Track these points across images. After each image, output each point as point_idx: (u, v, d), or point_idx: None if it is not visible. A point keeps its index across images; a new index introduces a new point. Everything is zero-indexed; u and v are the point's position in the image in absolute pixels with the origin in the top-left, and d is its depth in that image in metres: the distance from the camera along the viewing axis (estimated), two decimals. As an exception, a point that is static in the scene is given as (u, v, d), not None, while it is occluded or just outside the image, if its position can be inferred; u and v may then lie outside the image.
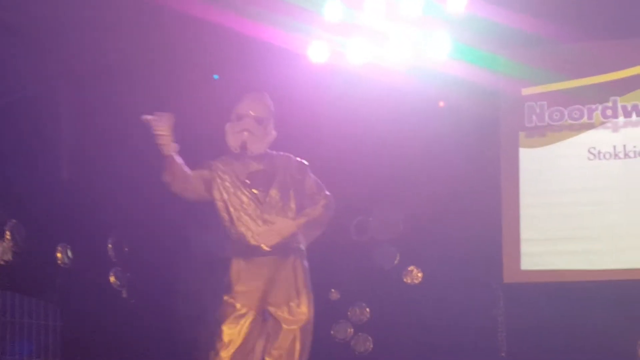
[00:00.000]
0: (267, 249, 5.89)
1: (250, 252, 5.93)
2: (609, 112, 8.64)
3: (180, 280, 8.71)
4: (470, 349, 8.62)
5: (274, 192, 5.95)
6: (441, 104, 8.92)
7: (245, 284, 5.95)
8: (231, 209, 5.95)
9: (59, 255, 8.18)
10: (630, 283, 8.35)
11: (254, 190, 5.97)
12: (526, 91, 8.78)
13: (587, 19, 8.39)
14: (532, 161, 8.79)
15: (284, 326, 5.95)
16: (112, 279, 8.54)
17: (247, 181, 5.98)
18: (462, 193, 8.80)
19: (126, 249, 8.66)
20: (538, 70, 8.71)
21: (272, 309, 5.99)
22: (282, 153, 6.13)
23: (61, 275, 8.18)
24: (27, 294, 8.01)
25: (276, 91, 7.39)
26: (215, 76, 8.84)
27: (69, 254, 8.24)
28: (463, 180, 8.78)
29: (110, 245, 8.58)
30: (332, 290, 9.06)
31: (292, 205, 5.99)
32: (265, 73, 7.72)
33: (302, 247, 6.08)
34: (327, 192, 6.14)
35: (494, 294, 8.76)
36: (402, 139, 8.80)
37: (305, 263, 6.08)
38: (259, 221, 5.91)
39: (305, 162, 6.15)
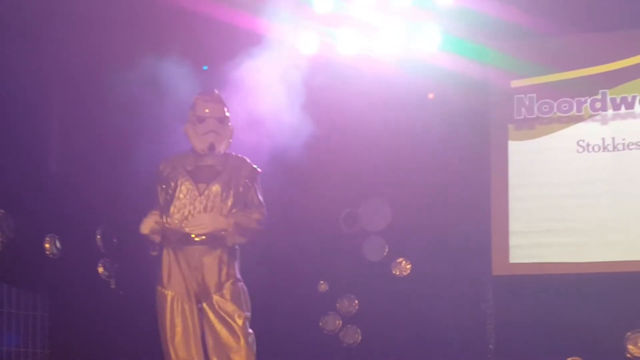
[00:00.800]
0: (196, 238, 5.95)
1: (182, 241, 5.99)
2: (598, 105, 8.64)
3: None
4: (458, 341, 8.63)
5: (215, 187, 6.04)
6: (431, 95, 8.93)
7: (174, 274, 6.02)
8: (174, 198, 6.03)
9: (47, 245, 8.16)
10: (618, 275, 8.36)
11: (199, 184, 6.04)
12: (515, 83, 8.78)
13: (577, 12, 8.40)
14: (521, 154, 8.80)
15: (212, 318, 5.99)
16: (100, 269, 8.53)
17: (192, 173, 6.07)
18: (451, 185, 8.80)
19: (115, 240, 8.65)
20: (527, 62, 8.71)
21: (201, 299, 6.05)
22: (239, 155, 6.21)
23: (49, 266, 8.15)
24: (15, 284, 8.00)
25: (266, 82, 7.42)
26: (205, 67, 8.82)
27: (58, 244, 8.22)
28: (452, 172, 8.79)
29: (98, 236, 8.56)
30: (321, 282, 9.06)
31: (229, 203, 6.05)
32: (255, 64, 7.69)
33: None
34: (264, 209, 6.17)
35: (482, 286, 8.76)
36: (391, 131, 8.80)
37: (234, 258, 6.11)
38: (194, 211, 5.98)
39: (259, 170, 6.24)
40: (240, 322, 5.97)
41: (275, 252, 8.67)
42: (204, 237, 5.96)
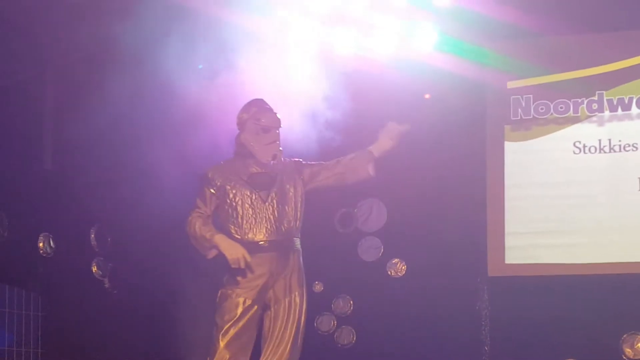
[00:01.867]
0: (262, 243, 5.98)
1: (251, 248, 5.98)
2: (594, 106, 8.63)
3: (163, 271, 8.67)
4: (454, 342, 8.62)
5: (275, 190, 6.08)
6: (427, 96, 8.90)
7: (246, 278, 6.00)
8: (238, 207, 6.03)
9: (41, 244, 8.13)
10: (614, 277, 8.36)
11: (261, 192, 6.07)
12: (512, 84, 8.77)
13: (574, 12, 8.39)
14: (518, 154, 8.79)
15: (279, 321, 6.04)
16: (94, 269, 8.50)
17: (249, 181, 6.09)
18: (447, 186, 8.79)
19: (109, 239, 8.62)
20: (524, 63, 8.70)
21: (270, 303, 6.07)
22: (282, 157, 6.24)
23: (43, 265, 8.12)
24: (8, 283, 7.96)
25: (262, 82, 7.39)
26: (200, 66, 8.78)
27: (51, 243, 8.18)
28: (448, 173, 8.78)
29: (92, 235, 8.53)
30: (316, 282, 9.04)
31: (292, 204, 6.12)
32: (252, 63, 7.66)
33: (298, 245, 6.18)
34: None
35: (478, 287, 8.75)
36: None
37: (301, 261, 6.19)
38: (262, 220, 6.02)
39: (300, 160, 6.35)
40: (281, 344, 6.05)
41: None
42: (268, 245, 5.99)
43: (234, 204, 6.03)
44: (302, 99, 7.62)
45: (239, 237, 6.00)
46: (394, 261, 9.01)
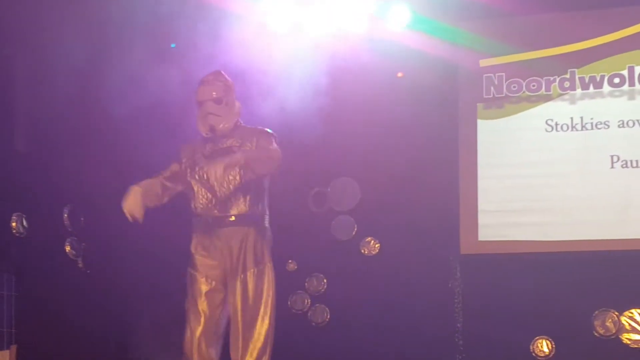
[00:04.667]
0: (230, 219, 5.95)
1: (211, 224, 6.02)
2: (566, 84, 8.66)
3: (137, 250, 8.66)
4: (426, 320, 8.65)
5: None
6: (400, 74, 8.91)
7: (206, 257, 6.07)
8: (195, 184, 6.05)
9: (13, 224, 8.08)
10: (585, 254, 8.40)
11: (213, 163, 6.03)
12: (484, 62, 8.78)
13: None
14: (490, 133, 8.81)
15: (238, 297, 6.03)
16: (67, 248, 8.47)
17: (209, 156, 6.10)
18: (420, 164, 8.81)
19: (82, 219, 8.59)
20: (496, 42, 8.72)
21: (230, 280, 6.06)
22: (250, 127, 6.23)
23: (16, 245, 8.09)
24: (-20, 263, 7.94)
25: (235, 60, 7.37)
26: (173, 45, 8.75)
27: (24, 223, 8.14)
28: (421, 151, 8.80)
29: (66, 215, 8.50)
30: (290, 261, 9.06)
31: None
32: (225, 42, 7.64)
33: (266, 223, 6.18)
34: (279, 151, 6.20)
35: (450, 265, 8.78)
36: (359, 110, 8.79)
37: (267, 236, 6.17)
38: (220, 193, 6.03)
39: (269, 131, 6.28)
40: (265, 302, 6.03)
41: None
42: (233, 219, 6.01)
43: (193, 180, 6.08)
44: (273, 77, 7.62)
45: (198, 211, 6.06)
46: (367, 240, 9.03)
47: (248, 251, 6.06)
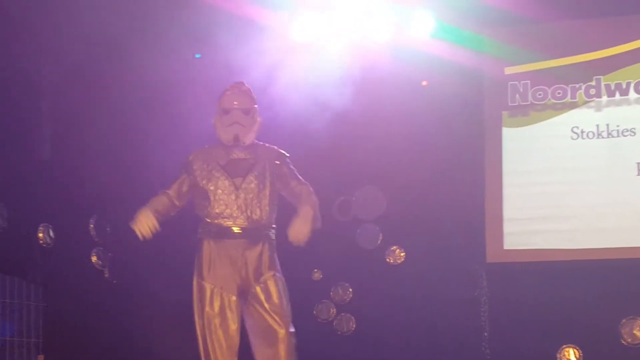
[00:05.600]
0: (236, 230, 5.95)
1: (222, 234, 5.98)
2: (592, 92, 8.63)
3: (163, 261, 8.68)
4: (452, 329, 8.64)
5: (251, 181, 5.99)
6: (424, 83, 8.91)
7: (215, 267, 5.99)
8: (210, 191, 6.00)
9: (40, 235, 8.14)
10: (612, 262, 8.37)
11: (234, 178, 6.00)
12: (509, 70, 8.78)
13: (571, -2, 8.41)
14: (515, 140, 8.80)
15: (255, 309, 5.96)
16: (94, 259, 8.51)
17: (226, 167, 6.03)
18: (445, 173, 8.80)
19: (108, 229, 8.63)
20: (521, 49, 8.71)
21: (243, 292, 6.03)
22: (267, 145, 6.20)
23: (43, 255, 8.13)
24: (8, 273, 7.97)
25: (258, 70, 7.39)
26: (198, 55, 8.79)
27: (51, 233, 8.20)
28: (446, 159, 8.79)
29: (92, 225, 8.54)
30: (315, 270, 9.06)
31: (267, 193, 6.01)
32: (247, 52, 7.67)
33: (273, 236, 6.12)
34: (308, 185, 6.16)
35: (476, 273, 8.76)
36: (385, 119, 8.78)
37: (274, 251, 6.10)
38: (234, 206, 5.96)
39: (286, 154, 6.19)
40: (283, 313, 5.94)
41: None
42: (240, 231, 5.94)
43: (206, 189, 5.98)
44: (299, 87, 7.63)
45: (209, 221, 5.96)
46: (392, 248, 9.02)
47: (264, 260, 6.04)
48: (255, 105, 6.13)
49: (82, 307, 8.15)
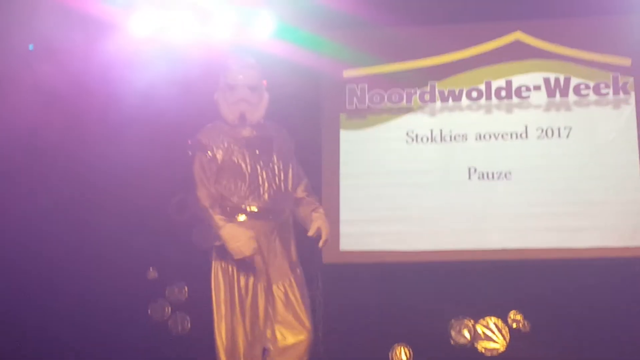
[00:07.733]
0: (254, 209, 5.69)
1: (248, 215, 5.69)
2: (427, 97, 8.81)
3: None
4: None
5: (276, 159, 5.80)
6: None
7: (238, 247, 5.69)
8: (236, 171, 5.69)
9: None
10: (444, 264, 8.54)
11: (256, 151, 5.75)
12: (347, 73, 8.87)
13: (409, 4, 8.54)
14: (353, 143, 8.89)
15: (280, 298, 5.87)
16: None
17: (248, 144, 5.76)
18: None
19: None
20: (360, 52, 8.80)
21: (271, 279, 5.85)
22: (275, 125, 6.01)
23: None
24: None
25: (93, 64, 7.26)
26: (31, 46, 8.57)
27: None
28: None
29: None
30: (150, 268, 8.95)
31: (290, 176, 5.88)
32: (84, 44, 7.53)
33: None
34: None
35: (312, 274, 8.80)
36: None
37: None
38: (261, 184, 5.71)
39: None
40: (306, 307, 5.93)
41: (104, 239, 8.53)
42: (263, 212, 5.69)
43: (232, 169, 5.68)
44: (135, 84, 7.53)
45: (235, 201, 5.65)
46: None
47: (290, 250, 5.92)
48: (264, 81, 5.83)
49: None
